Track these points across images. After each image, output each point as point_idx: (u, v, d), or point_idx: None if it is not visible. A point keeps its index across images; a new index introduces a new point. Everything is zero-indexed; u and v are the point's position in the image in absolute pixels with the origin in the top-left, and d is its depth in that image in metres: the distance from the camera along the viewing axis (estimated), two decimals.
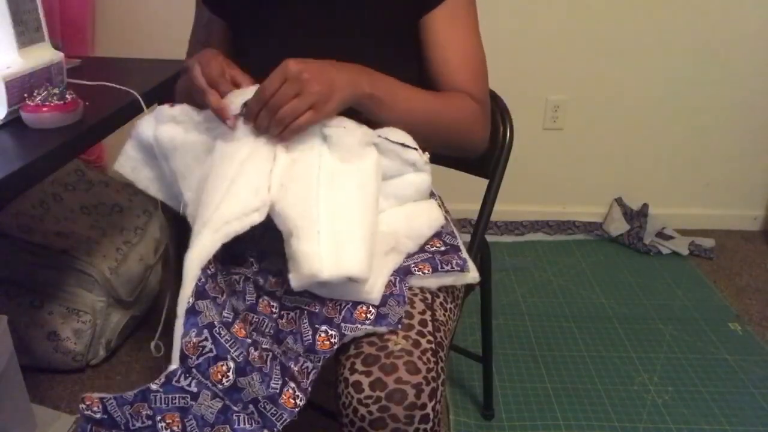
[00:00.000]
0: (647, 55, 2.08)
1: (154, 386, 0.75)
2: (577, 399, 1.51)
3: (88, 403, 0.75)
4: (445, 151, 1.00)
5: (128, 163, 0.93)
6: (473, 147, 1.01)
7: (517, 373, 1.59)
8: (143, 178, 0.94)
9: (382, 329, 0.77)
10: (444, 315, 0.88)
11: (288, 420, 0.74)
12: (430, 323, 0.82)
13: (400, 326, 0.78)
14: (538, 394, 1.52)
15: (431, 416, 0.74)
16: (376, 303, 0.79)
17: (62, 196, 1.66)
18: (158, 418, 0.74)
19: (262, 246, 0.96)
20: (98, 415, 0.75)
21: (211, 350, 0.75)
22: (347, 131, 0.82)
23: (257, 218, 0.78)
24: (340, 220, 0.78)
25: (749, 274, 2.06)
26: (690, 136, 2.20)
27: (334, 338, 0.77)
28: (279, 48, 0.89)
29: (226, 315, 0.80)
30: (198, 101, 0.85)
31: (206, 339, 0.75)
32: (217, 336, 0.75)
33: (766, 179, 2.27)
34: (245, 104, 0.81)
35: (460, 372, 1.60)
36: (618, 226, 2.22)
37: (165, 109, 0.88)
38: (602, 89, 2.14)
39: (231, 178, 0.79)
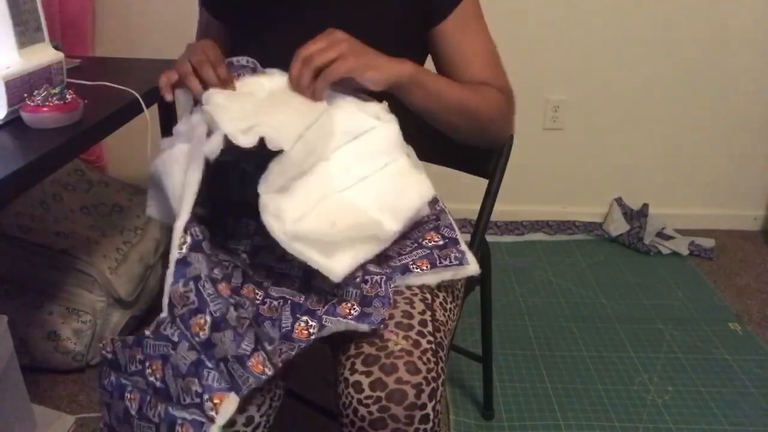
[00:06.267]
0: (647, 55, 2.08)
1: (147, 332, 0.78)
2: (577, 399, 1.51)
3: (104, 342, 0.81)
4: (471, 140, 1.01)
5: (154, 205, 0.95)
6: (500, 135, 1.05)
7: (517, 373, 1.59)
8: (170, 216, 0.95)
9: (364, 327, 0.77)
10: (444, 315, 0.88)
11: (253, 385, 0.72)
12: (430, 323, 0.82)
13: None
14: (538, 394, 1.52)
15: (431, 416, 0.74)
16: (337, 280, 0.79)
17: (62, 196, 1.66)
18: (147, 364, 0.77)
19: (255, 242, 0.97)
20: (109, 356, 0.80)
21: (193, 302, 0.76)
22: None
23: (243, 141, 0.77)
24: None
25: (749, 274, 2.06)
26: (690, 136, 2.20)
27: (314, 329, 0.78)
28: (280, 57, 0.88)
29: (216, 273, 0.80)
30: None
31: (191, 290, 0.76)
32: (201, 289, 0.76)
33: (766, 179, 2.27)
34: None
35: (460, 372, 1.60)
36: (618, 226, 2.22)
37: (163, 140, 0.91)
38: (602, 89, 2.14)
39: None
